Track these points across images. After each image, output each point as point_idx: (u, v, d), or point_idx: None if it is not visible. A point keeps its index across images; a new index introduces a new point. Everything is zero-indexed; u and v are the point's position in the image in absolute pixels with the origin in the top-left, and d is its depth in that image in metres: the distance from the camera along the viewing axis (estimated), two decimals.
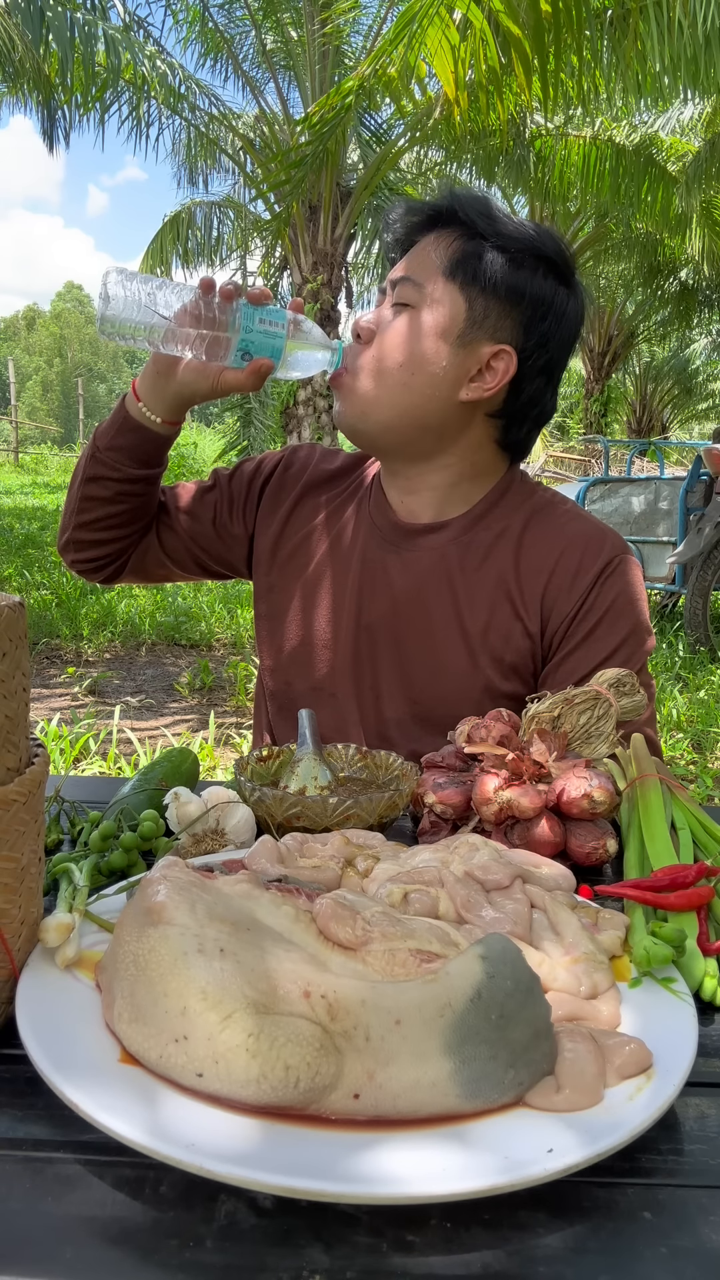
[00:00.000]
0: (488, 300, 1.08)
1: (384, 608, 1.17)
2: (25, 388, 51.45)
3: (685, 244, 10.75)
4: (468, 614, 1.14)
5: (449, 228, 1.11)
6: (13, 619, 0.55)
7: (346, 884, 0.68)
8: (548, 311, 1.10)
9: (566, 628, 1.11)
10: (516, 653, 1.13)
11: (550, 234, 1.13)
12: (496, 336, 1.09)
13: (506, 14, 4.92)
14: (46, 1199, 0.44)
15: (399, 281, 1.11)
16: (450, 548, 1.16)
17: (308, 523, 1.26)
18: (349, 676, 1.19)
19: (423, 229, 1.14)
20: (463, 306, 1.08)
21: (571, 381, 23.36)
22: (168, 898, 0.53)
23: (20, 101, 7.42)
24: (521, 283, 1.09)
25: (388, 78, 5.60)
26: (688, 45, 5.31)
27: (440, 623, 1.15)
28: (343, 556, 1.22)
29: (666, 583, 6.29)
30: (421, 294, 1.09)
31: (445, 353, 1.08)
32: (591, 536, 1.14)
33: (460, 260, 1.08)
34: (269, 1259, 0.41)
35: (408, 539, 1.18)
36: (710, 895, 0.69)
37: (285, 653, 1.25)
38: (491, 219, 1.10)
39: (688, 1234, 0.43)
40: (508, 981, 0.50)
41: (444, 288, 1.09)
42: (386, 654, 1.17)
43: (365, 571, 1.19)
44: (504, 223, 1.11)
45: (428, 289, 1.09)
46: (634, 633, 1.12)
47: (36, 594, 6.38)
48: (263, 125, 9.39)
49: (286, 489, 1.28)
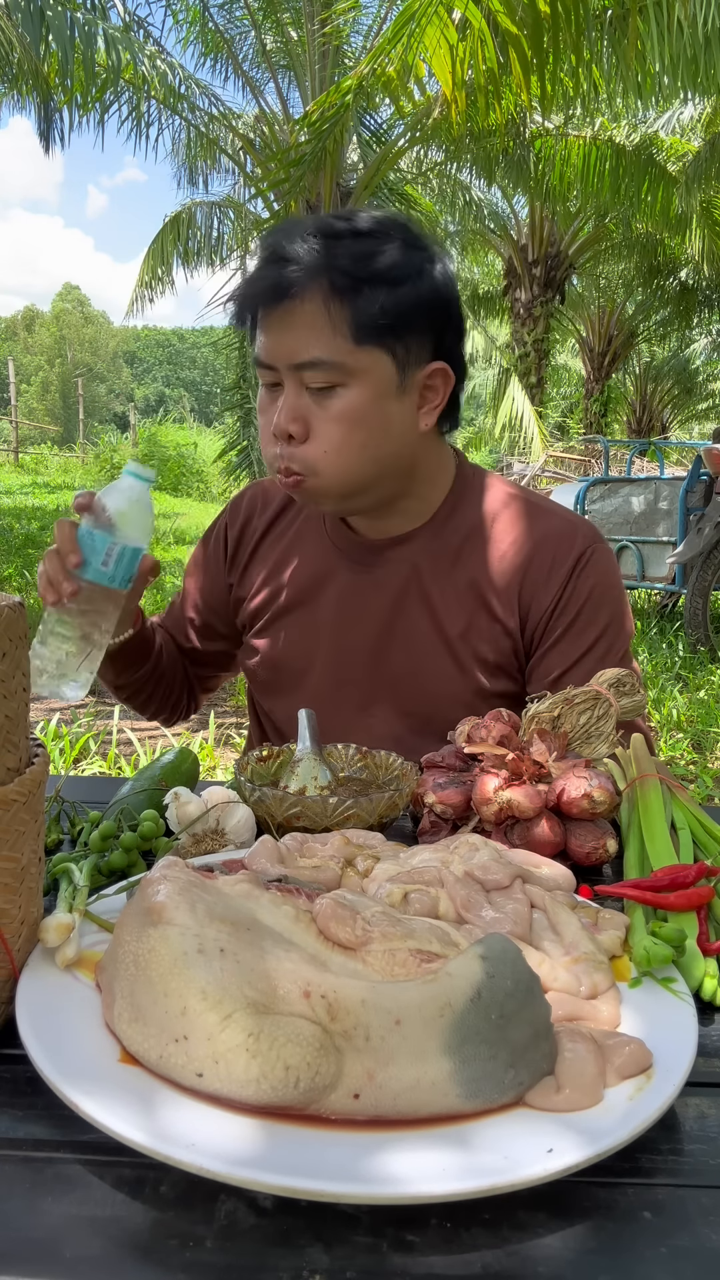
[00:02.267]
0: (406, 338, 1.02)
1: (365, 628, 1.17)
2: (25, 388, 51.49)
3: (685, 244, 10.76)
4: (446, 620, 1.14)
5: (314, 281, 0.99)
6: (13, 619, 0.55)
7: (346, 884, 0.68)
8: (437, 296, 1.04)
9: (546, 622, 1.12)
10: (499, 652, 1.13)
11: (382, 213, 1.06)
12: (423, 359, 1.05)
13: (505, 13, 4.92)
14: (46, 1199, 0.44)
15: (306, 366, 1.00)
16: (420, 557, 1.15)
17: (267, 564, 1.26)
18: (336, 702, 1.18)
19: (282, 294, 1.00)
20: (387, 361, 1.02)
21: (571, 381, 23.38)
22: (168, 898, 0.53)
23: (19, 103, 7.41)
24: (413, 295, 1.01)
25: (386, 77, 5.59)
26: (688, 45, 5.31)
27: (421, 633, 1.15)
28: (312, 587, 1.21)
29: (666, 583, 6.28)
30: (343, 370, 1.00)
31: (394, 409, 1.04)
32: (563, 530, 1.14)
33: (363, 323, 0.99)
34: (269, 1259, 0.41)
35: (375, 555, 1.17)
36: (710, 895, 0.69)
37: (272, 693, 1.27)
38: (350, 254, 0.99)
39: (688, 1234, 0.43)
40: (508, 981, 0.50)
41: (361, 355, 1.00)
42: (373, 673, 1.17)
43: (338, 596, 1.19)
44: (352, 244, 1.00)
45: (348, 364, 1.00)
46: (613, 621, 1.12)
47: (36, 594, 6.37)
48: (263, 125, 9.39)
49: (245, 542, 1.29)
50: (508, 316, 14.72)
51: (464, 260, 16.58)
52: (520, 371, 13.15)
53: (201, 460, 18.80)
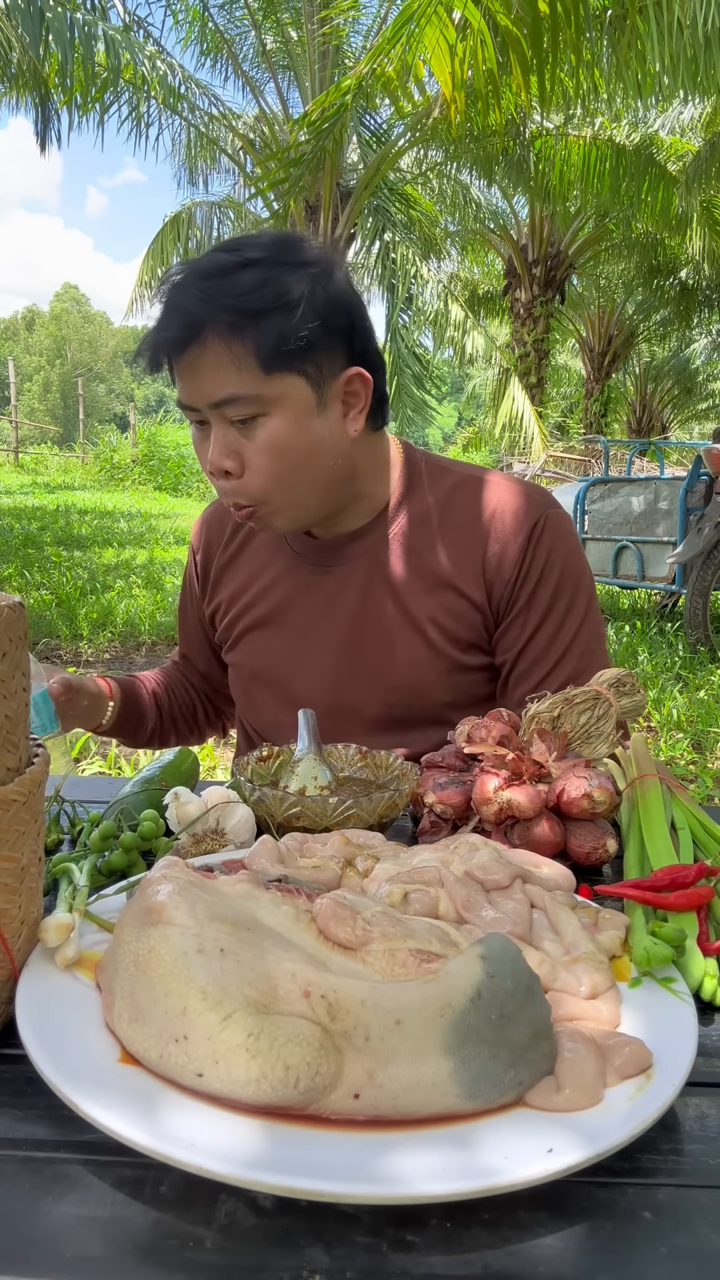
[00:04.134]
0: (314, 356, 1.02)
1: (335, 626, 1.19)
2: (26, 388, 51.48)
3: (685, 244, 10.77)
4: (413, 605, 1.16)
5: (208, 326, 0.99)
6: (13, 619, 0.55)
7: (346, 884, 0.68)
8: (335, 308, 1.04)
9: (511, 592, 1.14)
10: (470, 628, 1.16)
11: (270, 235, 1.06)
12: (336, 369, 1.05)
13: (504, 13, 4.92)
14: (46, 1199, 0.44)
15: (223, 404, 1.01)
16: (379, 548, 1.17)
17: (235, 580, 1.29)
18: (320, 702, 1.17)
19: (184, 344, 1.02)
20: (301, 383, 1.02)
21: (571, 381, 23.38)
22: (168, 898, 0.53)
23: (19, 103, 7.41)
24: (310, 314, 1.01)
25: (386, 77, 5.59)
26: (687, 45, 5.31)
27: (391, 620, 1.17)
28: (278, 595, 1.23)
29: (666, 583, 6.28)
30: (260, 402, 1.01)
31: (318, 425, 1.05)
32: (516, 501, 1.16)
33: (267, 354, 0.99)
34: (269, 1259, 0.41)
35: (335, 553, 1.19)
36: (710, 895, 0.69)
37: (255, 704, 1.29)
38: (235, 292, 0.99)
39: (688, 1234, 0.43)
40: (508, 981, 0.50)
41: (274, 383, 1.01)
42: (350, 668, 1.19)
43: (306, 600, 1.21)
44: (237, 278, 1.00)
45: (263, 394, 1.01)
46: (575, 582, 1.15)
47: (36, 594, 6.38)
48: (262, 125, 9.40)
49: (211, 562, 1.33)
50: (508, 316, 14.74)
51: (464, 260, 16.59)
52: (520, 371, 13.16)
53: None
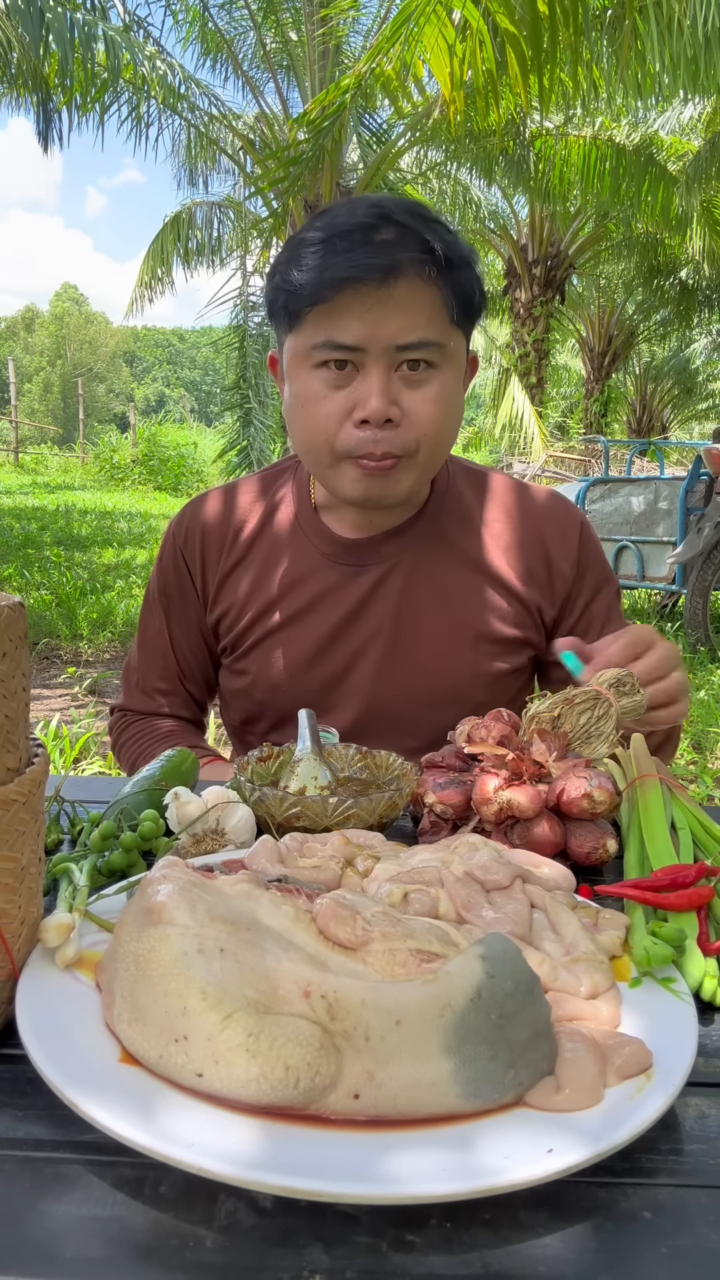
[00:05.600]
0: (475, 321, 1.04)
1: (370, 627, 1.14)
2: (26, 388, 51.48)
3: (685, 244, 10.76)
4: (457, 603, 1.14)
5: (421, 261, 0.96)
6: (13, 619, 0.55)
7: (346, 884, 0.68)
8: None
9: (569, 589, 1.18)
10: (516, 626, 1.16)
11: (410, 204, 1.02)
12: (467, 344, 1.06)
13: (504, 13, 4.92)
14: (46, 1199, 0.44)
15: (410, 347, 0.97)
16: (419, 545, 1.15)
17: (246, 580, 1.19)
18: (354, 710, 1.16)
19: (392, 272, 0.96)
20: (464, 346, 1.03)
21: (571, 381, 23.37)
22: (168, 898, 0.53)
23: (19, 104, 7.41)
24: (480, 280, 1.03)
25: (385, 77, 5.59)
26: (687, 45, 5.31)
27: (433, 620, 1.15)
28: (302, 597, 1.16)
29: (666, 583, 6.28)
30: (442, 352, 0.99)
31: (461, 393, 1.05)
32: (558, 503, 1.21)
33: (461, 305, 0.99)
34: (269, 1259, 0.41)
35: (370, 551, 1.15)
36: (710, 895, 0.69)
37: (266, 713, 1.20)
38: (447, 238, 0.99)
39: (688, 1234, 0.43)
40: (508, 981, 0.50)
41: (455, 335, 1.01)
42: (392, 671, 1.15)
43: (334, 602, 1.15)
44: (437, 225, 0.99)
45: (447, 345, 0.99)
46: (610, 577, 1.23)
47: (36, 594, 6.38)
48: (262, 125, 9.39)
49: (209, 563, 1.22)
50: (508, 316, 14.72)
51: None
52: (520, 371, 13.15)
53: (201, 460, 18.81)
